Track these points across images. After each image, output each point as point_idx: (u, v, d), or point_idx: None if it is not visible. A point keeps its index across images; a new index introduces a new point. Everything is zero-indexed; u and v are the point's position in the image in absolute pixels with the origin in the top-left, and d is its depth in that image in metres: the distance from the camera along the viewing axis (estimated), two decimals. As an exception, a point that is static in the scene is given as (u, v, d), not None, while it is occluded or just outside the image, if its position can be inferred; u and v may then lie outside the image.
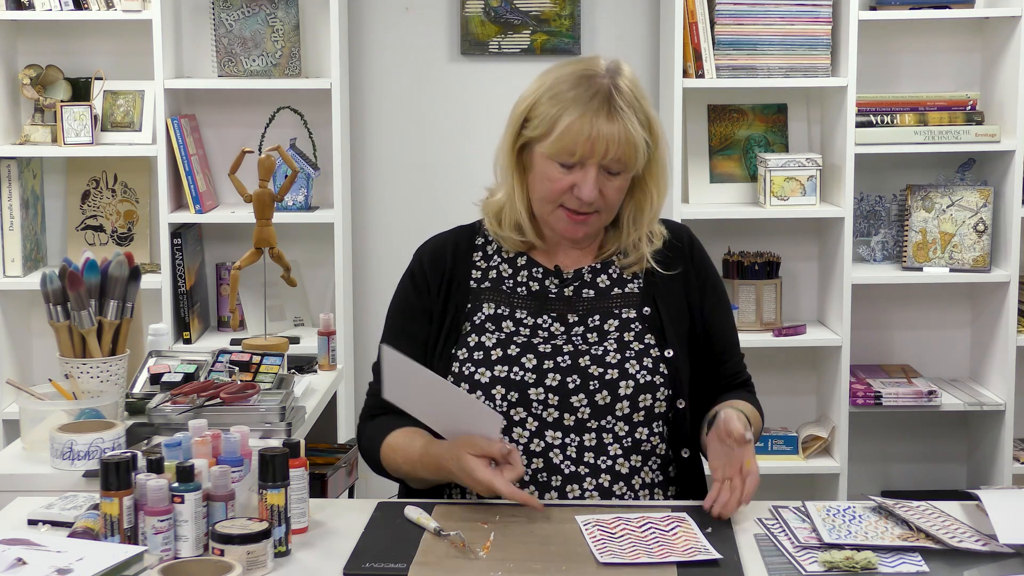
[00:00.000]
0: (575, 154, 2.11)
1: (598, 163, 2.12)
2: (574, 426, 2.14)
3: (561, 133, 2.11)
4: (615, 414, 2.14)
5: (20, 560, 1.71)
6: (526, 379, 2.14)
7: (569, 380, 2.14)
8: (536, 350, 2.16)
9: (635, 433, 2.15)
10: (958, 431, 4.19)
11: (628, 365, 2.15)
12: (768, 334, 3.92)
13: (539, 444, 2.14)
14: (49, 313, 2.49)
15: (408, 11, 4.11)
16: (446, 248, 2.28)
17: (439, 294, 2.24)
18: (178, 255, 3.87)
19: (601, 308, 2.21)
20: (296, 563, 1.85)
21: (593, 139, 2.09)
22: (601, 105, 2.11)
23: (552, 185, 2.14)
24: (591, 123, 2.09)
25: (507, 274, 2.25)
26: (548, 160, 2.14)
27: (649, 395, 2.14)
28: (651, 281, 2.23)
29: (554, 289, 2.23)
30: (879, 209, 4.06)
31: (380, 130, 4.15)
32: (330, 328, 3.02)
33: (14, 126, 4.01)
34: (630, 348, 2.16)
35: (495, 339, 2.18)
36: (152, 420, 2.43)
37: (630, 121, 2.11)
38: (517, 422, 2.14)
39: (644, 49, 4.10)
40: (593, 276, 2.24)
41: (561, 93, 2.13)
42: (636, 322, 2.19)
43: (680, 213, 3.85)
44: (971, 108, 3.91)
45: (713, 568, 1.81)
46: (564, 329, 2.19)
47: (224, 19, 3.95)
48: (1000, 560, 1.83)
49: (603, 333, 2.18)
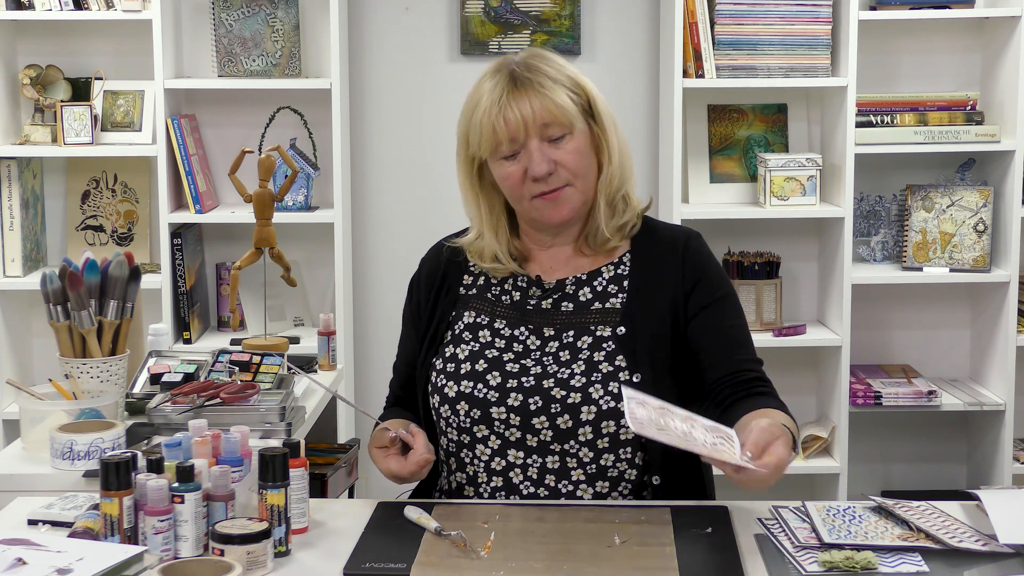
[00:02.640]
0: (503, 142, 2.10)
1: (534, 137, 2.09)
2: (537, 447, 2.10)
3: (481, 130, 2.10)
4: (578, 439, 2.09)
5: (20, 560, 1.71)
6: (489, 397, 2.11)
7: (531, 401, 2.09)
8: (503, 368, 2.12)
9: (600, 460, 2.10)
10: (958, 431, 4.19)
11: (592, 390, 2.08)
12: (768, 334, 3.92)
13: (500, 463, 2.12)
14: (49, 313, 2.49)
15: (408, 11, 4.11)
16: (440, 257, 2.29)
17: (428, 302, 2.26)
18: (178, 255, 3.87)
19: (577, 324, 2.14)
20: (296, 563, 1.85)
21: (506, 118, 2.08)
22: (505, 85, 2.09)
23: (510, 181, 2.13)
24: (500, 105, 2.08)
25: (494, 281, 2.23)
26: (496, 162, 2.13)
27: (612, 422, 2.07)
28: (634, 292, 2.16)
29: (533, 300, 2.19)
30: (879, 209, 4.06)
31: (380, 130, 4.15)
32: (330, 328, 3.02)
33: (14, 126, 4.01)
34: (598, 370, 2.09)
35: (468, 351, 2.16)
36: (152, 420, 2.43)
37: (541, 85, 2.08)
38: (480, 439, 2.13)
39: (644, 49, 4.11)
40: (576, 288, 2.18)
41: (476, 96, 2.13)
42: (609, 341, 2.12)
43: (680, 213, 3.85)
44: (971, 108, 3.91)
45: (713, 568, 1.81)
46: (539, 344, 2.14)
47: (224, 19, 3.95)
48: (1000, 560, 1.83)
49: (575, 351, 2.12)
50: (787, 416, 2.09)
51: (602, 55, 4.09)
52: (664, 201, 3.96)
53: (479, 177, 2.20)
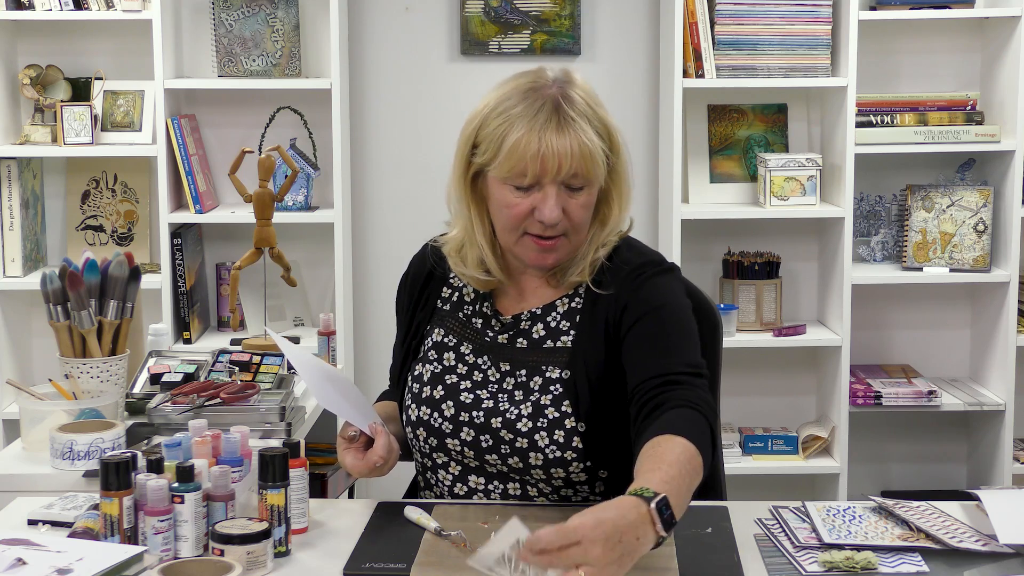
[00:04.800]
0: (527, 174, 1.96)
1: (556, 181, 1.97)
2: (497, 475, 2.08)
3: (508, 153, 1.96)
4: (531, 477, 2.05)
5: (20, 560, 1.71)
6: (443, 428, 2.08)
7: (482, 439, 2.05)
8: (458, 398, 2.08)
9: (560, 492, 2.06)
10: (958, 431, 4.19)
11: (538, 437, 2.02)
12: (768, 334, 3.92)
13: (463, 488, 2.10)
14: (49, 313, 2.49)
15: (408, 11, 4.11)
16: (425, 264, 2.21)
17: (409, 308, 2.21)
18: (178, 255, 3.87)
19: (530, 363, 2.07)
20: (296, 563, 1.85)
21: (544, 155, 1.94)
22: (549, 118, 1.96)
23: (511, 211, 2.00)
24: (539, 138, 1.95)
25: (468, 299, 2.15)
26: (503, 185, 2.00)
27: (561, 469, 2.02)
28: (584, 327, 2.06)
29: (490, 334, 2.11)
30: (879, 209, 4.06)
31: (380, 130, 4.15)
32: (330, 328, 3.02)
33: (14, 126, 4.01)
34: (544, 416, 2.02)
35: (430, 372, 2.12)
36: (152, 420, 2.43)
37: (583, 131, 1.96)
38: (440, 465, 2.11)
39: (644, 49, 4.10)
40: (531, 324, 2.09)
41: (507, 110, 1.99)
42: (557, 384, 2.04)
43: (680, 213, 3.85)
44: (971, 108, 3.91)
45: (713, 568, 1.81)
46: (497, 377, 2.08)
47: (224, 19, 3.95)
48: (1000, 560, 1.83)
49: (527, 391, 2.05)
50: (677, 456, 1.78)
51: (602, 55, 4.09)
52: (664, 201, 3.96)
53: (472, 182, 2.07)
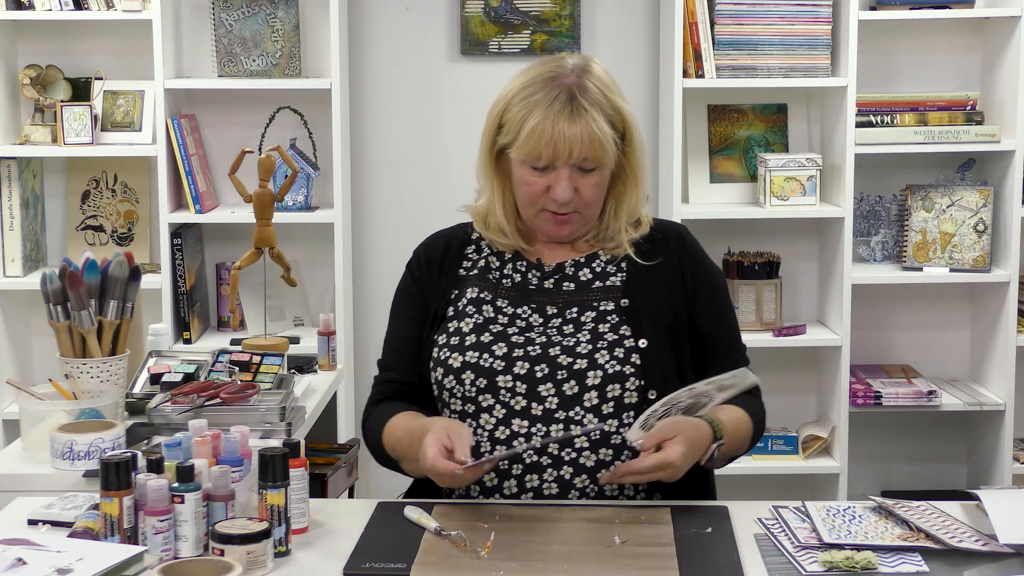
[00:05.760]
0: (542, 157, 2.14)
1: (568, 164, 2.15)
2: (541, 416, 2.13)
3: (526, 137, 2.14)
4: (583, 404, 2.13)
5: (20, 560, 1.71)
6: (495, 366, 2.15)
7: (537, 369, 2.14)
8: (508, 339, 2.18)
9: (604, 429, 2.14)
10: (958, 431, 4.19)
11: (598, 355, 2.14)
12: (768, 334, 3.92)
13: (504, 432, 2.14)
14: (49, 313, 2.49)
15: (408, 11, 4.11)
16: (440, 242, 2.34)
17: (430, 282, 2.29)
18: (178, 255, 3.87)
19: (580, 301, 2.21)
20: (296, 563, 1.85)
21: (556, 142, 2.12)
22: (564, 106, 2.13)
23: (529, 189, 2.18)
24: (553, 126, 2.12)
25: (495, 265, 2.28)
26: (522, 165, 2.18)
27: (618, 385, 2.13)
28: (633, 273, 2.24)
29: (535, 281, 2.25)
30: (879, 209, 4.06)
31: (380, 130, 4.15)
32: (330, 328, 3.02)
33: (14, 126, 4.01)
34: (603, 339, 2.16)
35: (472, 324, 2.21)
36: (152, 420, 2.43)
37: (594, 120, 2.13)
38: (485, 408, 2.15)
39: (644, 49, 4.11)
40: (575, 270, 2.25)
41: (528, 96, 2.16)
42: (613, 314, 2.19)
43: (680, 213, 3.85)
44: (971, 108, 3.91)
45: (713, 568, 1.81)
46: (542, 321, 2.20)
47: (224, 19, 3.95)
48: (1000, 560, 1.83)
49: (579, 324, 2.19)
50: (749, 418, 2.21)
51: (602, 55, 4.08)
52: (664, 201, 3.96)
53: (498, 157, 2.24)
